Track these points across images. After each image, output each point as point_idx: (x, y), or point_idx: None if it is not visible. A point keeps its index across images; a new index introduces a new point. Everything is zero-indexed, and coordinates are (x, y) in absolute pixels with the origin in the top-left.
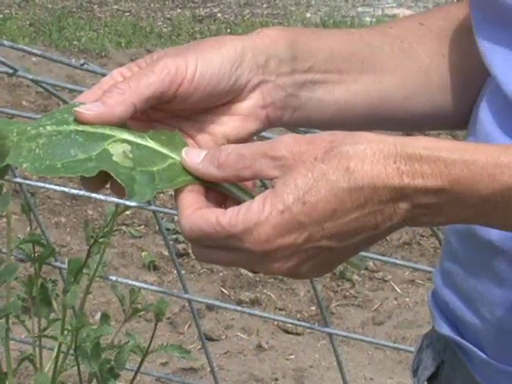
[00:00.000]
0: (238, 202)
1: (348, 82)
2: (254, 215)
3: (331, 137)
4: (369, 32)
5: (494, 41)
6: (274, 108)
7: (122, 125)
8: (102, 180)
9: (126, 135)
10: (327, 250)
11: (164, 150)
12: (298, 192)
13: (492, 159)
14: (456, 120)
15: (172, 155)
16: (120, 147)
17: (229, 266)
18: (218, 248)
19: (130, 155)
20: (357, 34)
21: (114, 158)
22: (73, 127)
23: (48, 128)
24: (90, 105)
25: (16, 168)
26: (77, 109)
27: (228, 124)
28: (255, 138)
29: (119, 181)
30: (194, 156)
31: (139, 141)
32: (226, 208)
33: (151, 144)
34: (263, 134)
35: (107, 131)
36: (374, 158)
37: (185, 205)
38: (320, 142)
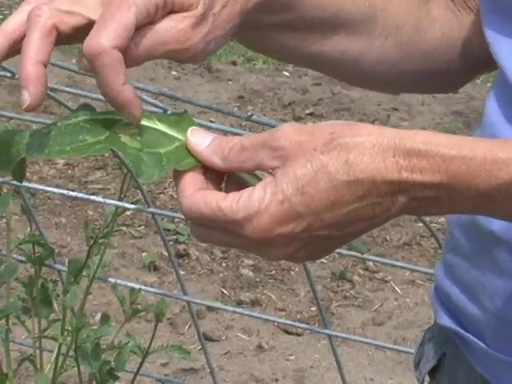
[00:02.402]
0: (237, 182)
1: (321, 38)
2: (254, 204)
3: (331, 128)
4: None
5: (501, 32)
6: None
7: None
8: None
9: None
10: (325, 238)
11: (171, 132)
12: (297, 182)
13: (490, 155)
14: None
15: (179, 137)
16: (128, 130)
17: (228, 247)
18: (218, 230)
19: (138, 138)
20: None
21: (123, 140)
22: (82, 118)
23: (58, 124)
24: None
25: None
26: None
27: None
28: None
29: (128, 160)
30: (200, 139)
31: (146, 123)
32: (225, 188)
33: (158, 126)
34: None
35: (115, 116)
36: (373, 151)
37: (185, 184)
38: (320, 133)
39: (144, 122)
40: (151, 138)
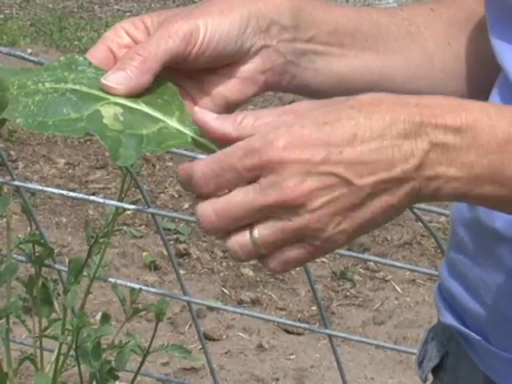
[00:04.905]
0: None
1: (349, 56)
2: (268, 127)
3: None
4: (378, 12)
5: (505, 38)
6: (273, 73)
7: None
8: None
9: (119, 98)
10: (343, 181)
11: (156, 114)
12: (317, 117)
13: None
14: None
15: (164, 119)
16: (112, 109)
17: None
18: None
19: (121, 118)
20: (365, 12)
21: (104, 121)
22: (70, 86)
23: (46, 85)
24: (116, 76)
25: (15, 166)
26: (105, 82)
27: (227, 86)
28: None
29: (104, 144)
30: (206, 113)
31: (132, 104)
32: None
33: (144, 108)
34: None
35: (101, 93)
36: (392, 101)
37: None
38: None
39: (129, 103)
40: (134, 119)
